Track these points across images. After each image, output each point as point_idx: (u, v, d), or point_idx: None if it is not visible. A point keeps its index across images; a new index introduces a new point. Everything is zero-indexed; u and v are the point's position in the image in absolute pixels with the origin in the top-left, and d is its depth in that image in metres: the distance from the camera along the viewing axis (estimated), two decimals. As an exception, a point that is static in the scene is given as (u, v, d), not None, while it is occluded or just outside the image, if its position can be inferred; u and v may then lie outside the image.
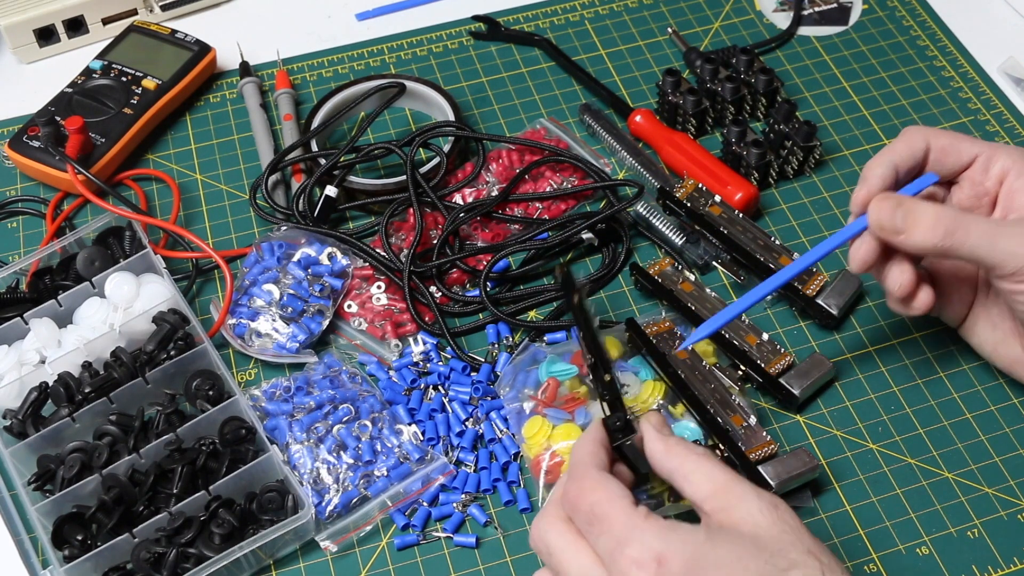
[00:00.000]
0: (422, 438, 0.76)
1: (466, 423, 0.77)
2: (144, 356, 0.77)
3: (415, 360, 0.80)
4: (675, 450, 0.59)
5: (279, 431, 0.75)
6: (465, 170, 0.91)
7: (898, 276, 0.71)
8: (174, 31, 1.01)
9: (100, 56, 0.99)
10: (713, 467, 0.58)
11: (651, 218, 0.86)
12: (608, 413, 0.61)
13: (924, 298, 0.72)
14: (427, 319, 0.82)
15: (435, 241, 0.85)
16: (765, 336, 0.78)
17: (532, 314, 0.84)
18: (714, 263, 0.84)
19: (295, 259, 0.83)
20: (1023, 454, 0.75)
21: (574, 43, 1.04)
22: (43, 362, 0.79)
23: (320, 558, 0.72)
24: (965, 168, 0.74)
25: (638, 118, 0.94)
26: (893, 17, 1.05)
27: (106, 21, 1.05)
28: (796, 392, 0.76)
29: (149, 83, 0.97)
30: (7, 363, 0.78)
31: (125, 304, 0.81)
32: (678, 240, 0.85)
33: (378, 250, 0.85)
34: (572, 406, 0.74)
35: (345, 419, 0.75)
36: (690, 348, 0.78)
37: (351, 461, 0.73)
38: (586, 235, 0.85)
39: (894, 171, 0.72)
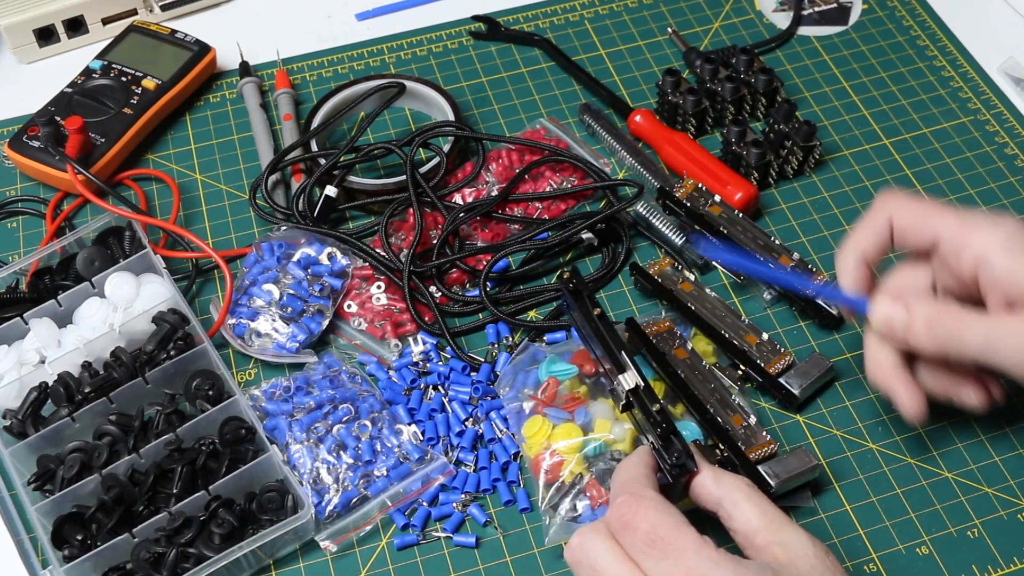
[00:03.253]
0: (422, 438, 0.76)
1: (466, 423, 0.77)
2: (144, 356, 0.77)
3: (415, 360, 0.80)
4: (725, 480, 0.59)
5: (279, 431, 0.75)
6: (465, 170, 0.91)
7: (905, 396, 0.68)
8: (174, 31, 1.01)
9: (100, 56, 0.99)
10: (763, 500, 0.58)
11: (651, 218, 0.86)
12: (657, 441, 0.62)
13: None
14: (427, 319, 0.82)
15: (435, 241, 0.85)
16: (765, 336, 0.78)
17: (532, 314, 0.84)
18: (714, 263, 0.84)
19: (295, 259, 0.83)
20: (1023, 454, 0.75)
21: (574, 43, 1.04)
22: (43, 362, 0.79)
23: (320, 558, 0.72)
24: (932, 249, 0.68)
25: (638, 118, 0.94)
26: (893, 17, 1.05)
27: (106, 21, 1.05)
28: (796, 392, 0.76)
29: (149, 83, 0.97)
30: (7, 363, 0.78)
31: (125, 304, 0.81)
32: (678, 240, 0.85)
33: (378, 250, 0.85)
34: (572, 406, 0.74)
35: (345, 419, 0.75)
36: (690, 348, 0.78)
37: (351, 461, 0.73)
38: (586, 235, 0.85)
39: (863, 263, 0.69)
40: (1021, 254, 0.64)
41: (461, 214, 0.86)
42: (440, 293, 0.83)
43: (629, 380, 0.67)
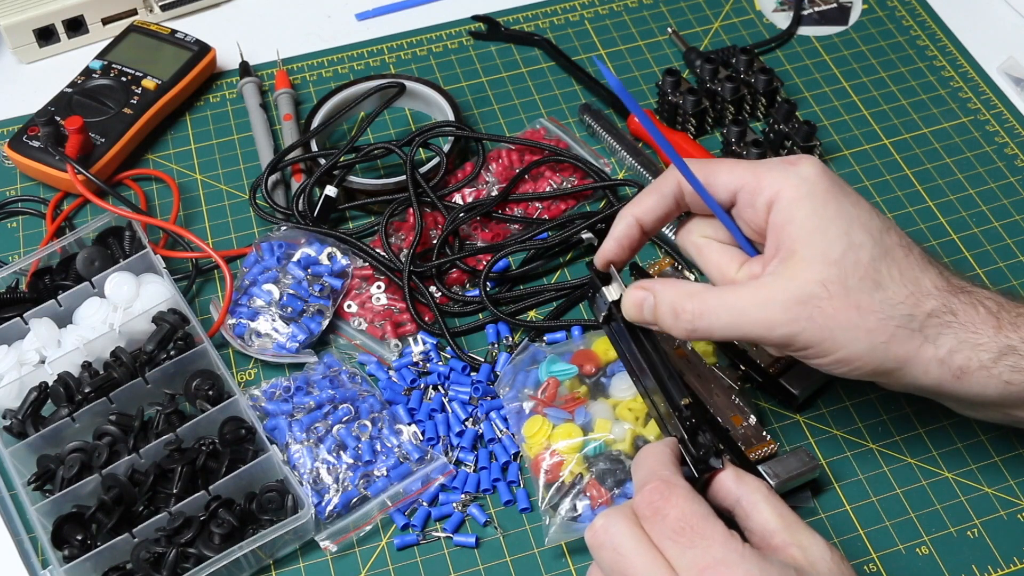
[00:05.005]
0: (422, 438, 0.76)
1: (466, 423, 0.77)
2: (144, 356, 0.77)
3: (415, 360, 0.80)
4: (746, 480, 0.59)
5: (279, 431, 0.75)
6: (465, 170, 0.91)
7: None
8: (174, 31, 1.01)
9: (100, 56, 0.99)
10: (781, 503, 0.58)
11: (651, 218, 0.86)
12: (684, 435, 0.61)
13: None
14: (427, 319, 0.82)
15: (435, 241, 0.85)
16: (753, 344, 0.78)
17: (532, 314, 0.84)
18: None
19: (295, 259, 0.83)
20: (1023, 454, 0.75)
21: (574, 43, 1.04)
22: (43, 362, 0.79)
23: (320, 558, 0.72)
24: (730, 206, 0.66)
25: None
26: (893, 17, 1.05)
27: (106, 21, 1.05)
28: (796, 392, 0.76)
29: (149, 83, 0.97)
30: (7, 363, 0.78)
31: (125, 304, 0.81)
32: (675, 238, 0.85)
33: (378, 250, 0.85)
34: (572, 406, 0.74)
35: (345, 419, 0.75)
36: (690, 348, 0.78)
37: (351, 461, 0.73)
38: (586, 235, 0.86)
39: (637, 227, 0.68)
40: (803, 200, 0.63)
41: (461, 214, 0.86)
42: (440, 293, 0.83)
43: (614, 292, 0.68)
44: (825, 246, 0.61)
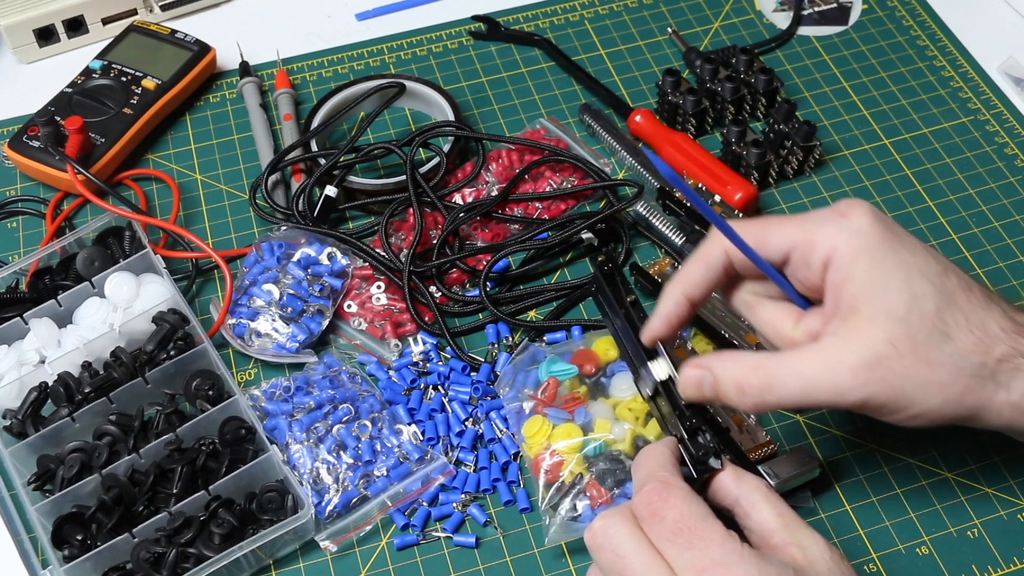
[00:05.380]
0: (422, 438, 0.76)
1: (466, 423, 0.77)
2: (144, 356, 0.77)
3: (415, 360, 0.80)
4: (745, 479, 0.59)
5: (279, 431, 0.75)
6: (465, 170, 0.91)
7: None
8: (174, 31, 1.01)
9: (100, 56, 0.99)
10: (780, 502, 0.58)
11: (651, 218, 0.86)
12: (684, 435, 0.61)
13: None
14: (427, 319, 0.82)
15: (435, 241, 0.85)
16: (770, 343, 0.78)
17: (532, 314, 0.84)
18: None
19: (295, 259, 0.83)
20: (1023, 454, 0.75)
21: (574, 43, 1.04)
22: (43, 362, 0.79)
23: (320, 558, 0.72)
24: (782, 264, 0.63)
25: (638, 118, 0.94)
26: (893, 17, 1.05)
27: (106, 21, 1.05)
28: (796, 392, 0.76)
29: (149, 83, 0.97)
30: (7, 363, 0.78)
31: (125, 304, 0.81)
32: (678, 240, 0.85)
33: (378, 250, 0.85)
34: (572, 406, 0.74)
35: (345, 419, 0.75)
36: (690, 348, 0.78)
37: (351, 461, 0.73)
38: (586, 235, 0.85)
39: (686, 303, 0.64)
40: (861, 256, 0.60)
41: (461, 214, 0.86)
42: (440, 293, 0.83)
43: (662, 371, 0.65)
44: (888, 303, 0.59)
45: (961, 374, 0.59)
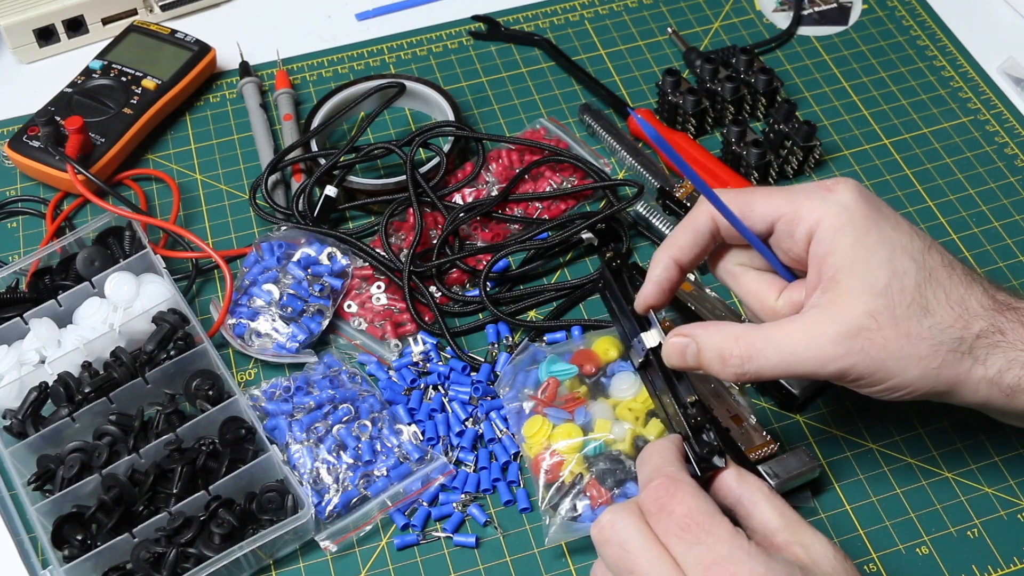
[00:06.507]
0: (422, 438, 0.76)
1: (466, 423, 0.77)
2: (144, 356, 0.77)
3: (415, 360, 0.80)
4: (747, 479, 0.59)
5: (279, 431, 0.75)
6: (465, 170, 0.91)
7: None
8: (174, 31, 1.01)
9: (100, 56, 0.99)
10: (782, 502, 0.58)
11: (651, 218, 0.86)
12: (688, 433, 0.61)
13: None
14: (427, 319, 0.82)
15: (435, 241, 0.85)
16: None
17: (532, 314, 0.84)
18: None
19: (295, 259, 0.83)
20: (1023, 454, 0.75)
21: (574, 43, 1.04)
22: (43, 362, 0.79)
23: (320, 558, 0.72)
24: (768, 235, 0.65)
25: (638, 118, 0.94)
26: (893, 17, 1.05)
27: (106, 21, 1.05)
28: (796, 392, 0.76)
29: (149, 83, 0.97)
30: (7, 363, 0.78)
31: (125, 304, 0.81)
32: (678, 240, 0.85)
33: (378, 250, 0.85)
34: (572, 406, 0.74)
35: (345, 419, 0.75)
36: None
37: (351, 461, 0.73)
38: (586, 235, 0.86)
39: (675, 268, 0.66)
40: (844, 230, 0.61)
41: (461, 214, 0.86)
42: (440, 293, 0.83)
43: (653, 339, 0.66)
44: (869, 276, 0.60)
45: (939, 348, 0.60)
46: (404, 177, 0.88)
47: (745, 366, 0.62)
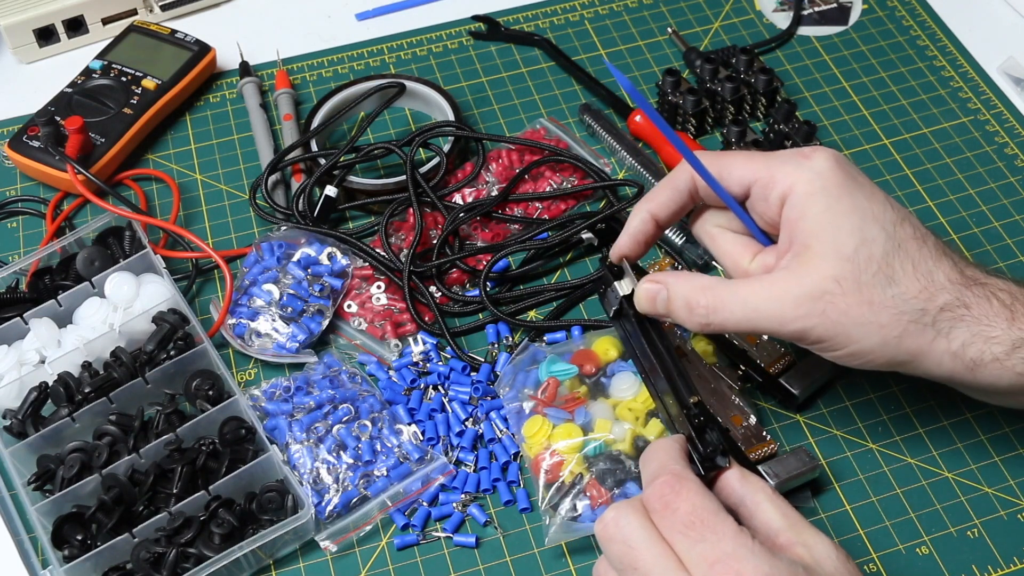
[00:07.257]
0: (422, 438, 0.76)
1: (466, 423, 0.77)
2: (144, 356, 0.77)
3: (415, 360, 0.80)
4: (750, 479, 0.59)
5: (279, 431, 0.75)
6: (465, 170, 0.91)
7: None
8: (174, 31, 1.01)
9: (100, 56, 0.99)
10: (785, 503, 0.58)
11: (651, 218, 0.86)
12: (691, 433, 0.61)
13: None
14: (427, 319, 0.82)
15: (435, 241, 0.85)
16: (765, 336, 0.78)
17: (532, 314, 0.84)
18: (714, 263, 0.84)
19: (295, 259, 0.83)
20: (1023, 454, 0.75)
21: (574, 43, 1.04)
22: (43, 362, 0.79)
23: (320, 558, 0.72)
24: (744, 198, 0.67)
25: (638, 118, 0.94)
26: (893, 17, 1.05)
27: (106, 21, 1.05)
28: (796, 392, 0.76)
29: (149, 83, 0.97)
30: (7, 363, 0.78)
31: (125, 304, 0.81)
32: (678, 240, 0.85)
33: (378, 250, 0.85)
34: (572, 406, 0.74)
35: (345, 419, 0.75)
36: (690, 348, 0.78)
37: (351, 461, 0.73)
38: (586, 235, 0.86)
39: (651, 222, 0.69)
40: (817, 195, 0.63)
41: (461, 214, 0.86)
42: (440, 293, 0.83)
43: (625, 287, 0.69)
44: (838, 242, 0.62)
45: (901, 318, 0.61)
46: (404, 177, 0.88)
47: (710, 316, 0.64)
